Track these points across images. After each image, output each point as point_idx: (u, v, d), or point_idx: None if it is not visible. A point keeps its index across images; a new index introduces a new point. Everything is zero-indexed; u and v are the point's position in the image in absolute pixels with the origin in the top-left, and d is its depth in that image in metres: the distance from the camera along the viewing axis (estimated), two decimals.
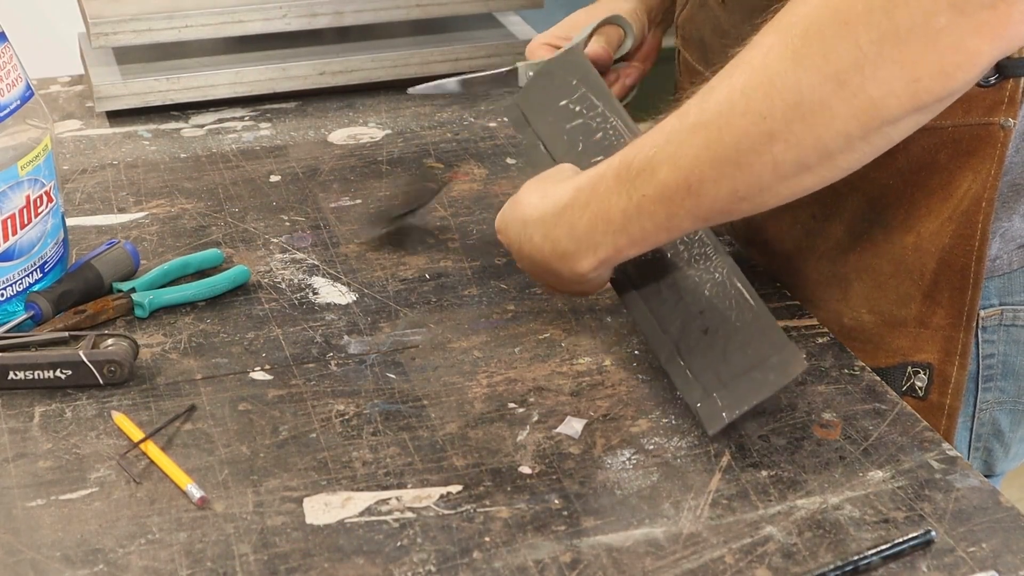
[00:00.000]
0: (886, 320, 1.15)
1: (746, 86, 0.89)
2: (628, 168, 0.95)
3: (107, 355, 1.06)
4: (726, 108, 0.90)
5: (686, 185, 0.92)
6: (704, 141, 0.91)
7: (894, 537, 0.91)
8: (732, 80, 0.90)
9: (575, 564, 0.89)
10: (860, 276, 1.15)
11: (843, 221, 1.14)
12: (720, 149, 0.90)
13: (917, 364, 1.14)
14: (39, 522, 0.92)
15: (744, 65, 0.90)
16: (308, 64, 1.58)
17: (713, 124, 0.90)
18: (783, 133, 0.88)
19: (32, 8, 2.50)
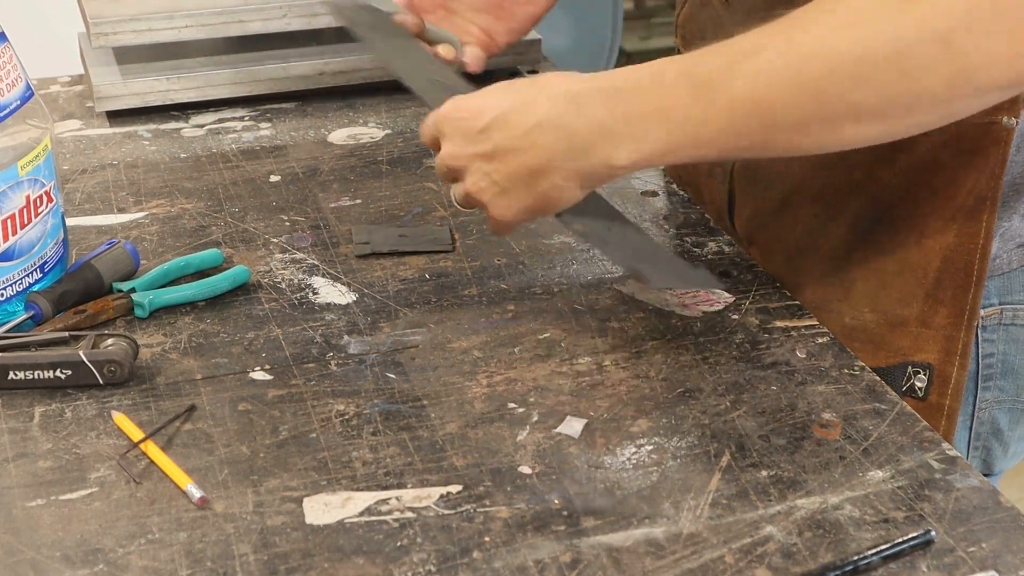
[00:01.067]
0: (888, 319, 1.15)
1: (847, 26, 0.87)
2: (701, 69, 0.92)
3: (107, 355, 1.06)
4: (821, 45, 0.89)
5: (757, 101, 0.91)
6: (789, 66, 0.90)
7: (894, 537, 0.91)
8: (833, 17, 0.88)
9: (575, 564, 0.89)
10: (864, 275, 1.15)
11: (847, 220, 1.14)
12: (805, 80, 0.90)
13: (917, 364, 1.14)
14: (39, 522, 0.92)
15: (847, 5, 0.88)
16: (308, 64, 1.58)
17: (805, 54, 0.89)
18: (875, 79, 0.87)
19: (32, 8, 2.50)
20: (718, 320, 1.16)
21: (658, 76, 0.94)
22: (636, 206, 1.35)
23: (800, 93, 0.90)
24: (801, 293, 1.19)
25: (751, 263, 1.24)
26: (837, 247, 1.16)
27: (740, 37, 0.93)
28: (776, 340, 1.13)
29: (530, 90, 0.98)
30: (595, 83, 0.96)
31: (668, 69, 0.94)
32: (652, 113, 0.94)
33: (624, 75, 0.96)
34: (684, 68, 0.94)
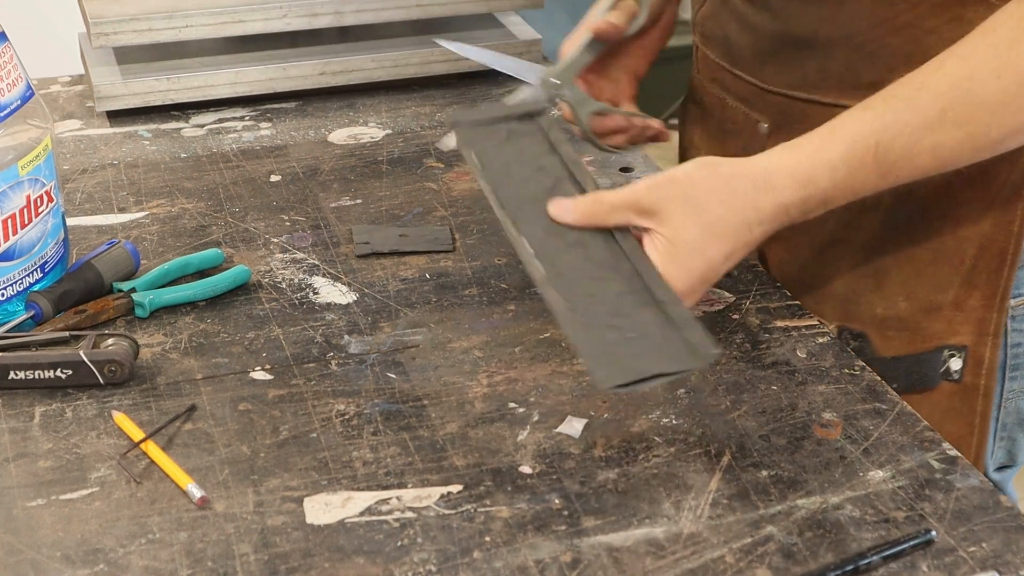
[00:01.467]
0: (923, 306, 1.16)
1: (1018, 91, 0.96)
2: (890, 154, 0.98)
3: (107, 355, 1.06)
4: (997, 109, 0.97)
5: (939, 165, 1.00)
6: (968, 136, 0.98)
7: (894, 537, 0.91)
8: (1003, 82, 0.96)
9: (575, 564, 0.89)
10: (897, 264, 1.16)
11: (881, 212, 1.15)
12: (984, 143, 0.99)
13: (953, 347, 1.16)
14: (39, 522, 0.92)
15: (1018, 68, 0.96)
16: (308, 64, 1.58)
17: (983, 121, 0.97)
18: None
19: (32, 8, 2.50)
20: (718, 320, 1.16)
21: (855, 168, 0.99)
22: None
23: (979, 154, 1.01)
24: (831, 285, 1.19)
25: (751, 263, 1.24)
26: (870, 238, 1.16)
27: (919, 99, 0.99)
28: (776, 340, 1.13)
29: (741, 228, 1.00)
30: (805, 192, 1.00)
31: (864, 156, 0.99)
32: (843, 197, 1.01)
33: (826, 172, 0.99)
34: (876, 153, 0.99)
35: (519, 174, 1.08)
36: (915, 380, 1.16)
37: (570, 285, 0.98)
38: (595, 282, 0.98)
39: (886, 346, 1.17)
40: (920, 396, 1.16)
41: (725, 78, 1.23)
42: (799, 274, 1.21)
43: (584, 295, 0.97)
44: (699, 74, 1.30)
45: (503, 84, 1.64)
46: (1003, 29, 0.97)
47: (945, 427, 1.15)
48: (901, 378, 1.16)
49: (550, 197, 1.04)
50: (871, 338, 1.17)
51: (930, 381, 1.16)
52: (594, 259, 1.00)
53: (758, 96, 1.20)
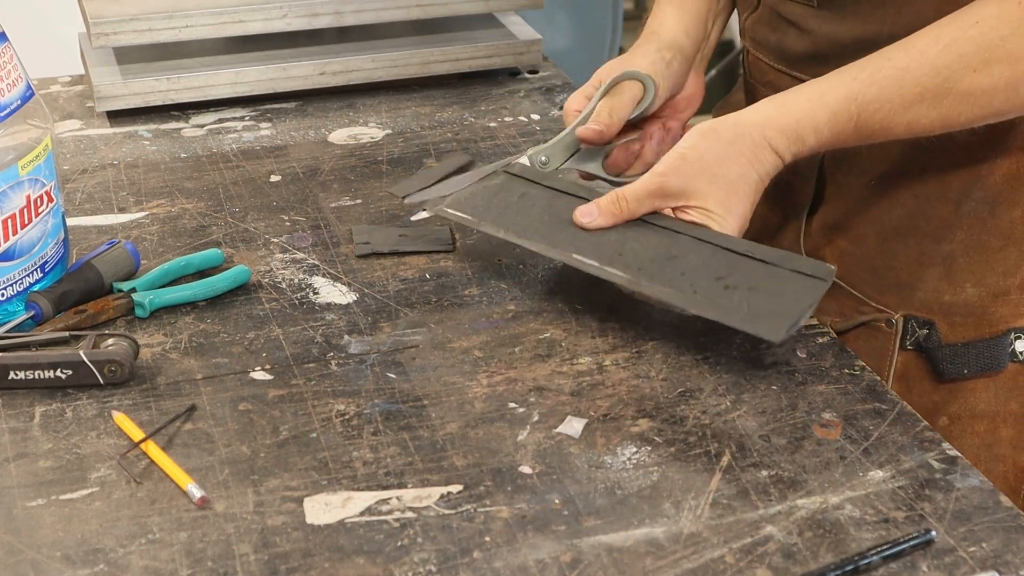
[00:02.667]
0: (991, 291, 1.18)
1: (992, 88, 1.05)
2: (866, 125, 1.08)
3: (107, 355, 1.06)
4: (969, 99, 1.05)
5: (911, 135, 1.09)
6: (940, 117, 1.07)
7: (894, 537, 0.91)
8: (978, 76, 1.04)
9: (575, 564, 0.89)
10: (966, 252, 1.18)
11: (950, 200, 1.16)
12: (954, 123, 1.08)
13: (1019, 329, 1.18)
14: (40, 522, 0.93)
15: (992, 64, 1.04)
16: (308, 64, 1.58)
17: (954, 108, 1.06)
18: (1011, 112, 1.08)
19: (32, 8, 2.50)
20: None
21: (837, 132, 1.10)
22: None
23: (948, 129, 1.09)
24: (895, 274, 1.20)
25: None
26: (939, 227, 1.17)
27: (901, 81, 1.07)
28: None
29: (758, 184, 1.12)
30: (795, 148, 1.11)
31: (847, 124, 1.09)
32: (830, 150, 1.16)
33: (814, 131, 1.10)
34: (857, 123, 1.09)
35: (516, 212, 1.16)
36: (985, 364, 1.19)
37: (656, 274, 1.09)
38: (674, 260, 1.09)
39: (953, 332, 1.19)
40: (987, 379, 1.19)
41: (780, 81, 1.23)
42: (862, 266, 1.22)
43: (677, 275, 1.08)
44: (751, 78, 1.30)
45: (503, 84, 1.64)
46: (985, 24, 1.05)
47: (1009, 406, 1.19)
48: (972, 363, 1.18)
49: (557, 216, 1.13)
50: (938, 325, 1.18)
51: (999, 363, 1.19)
52: (652, 244, 1.11)
53: None
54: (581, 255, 1.12)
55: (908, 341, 1.20)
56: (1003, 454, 1.20)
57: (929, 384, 1.20)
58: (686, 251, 1.09)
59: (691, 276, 1.08)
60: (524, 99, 1.60)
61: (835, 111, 1.08)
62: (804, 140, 1.09)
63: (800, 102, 1.10)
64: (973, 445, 1.19)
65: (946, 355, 1.18)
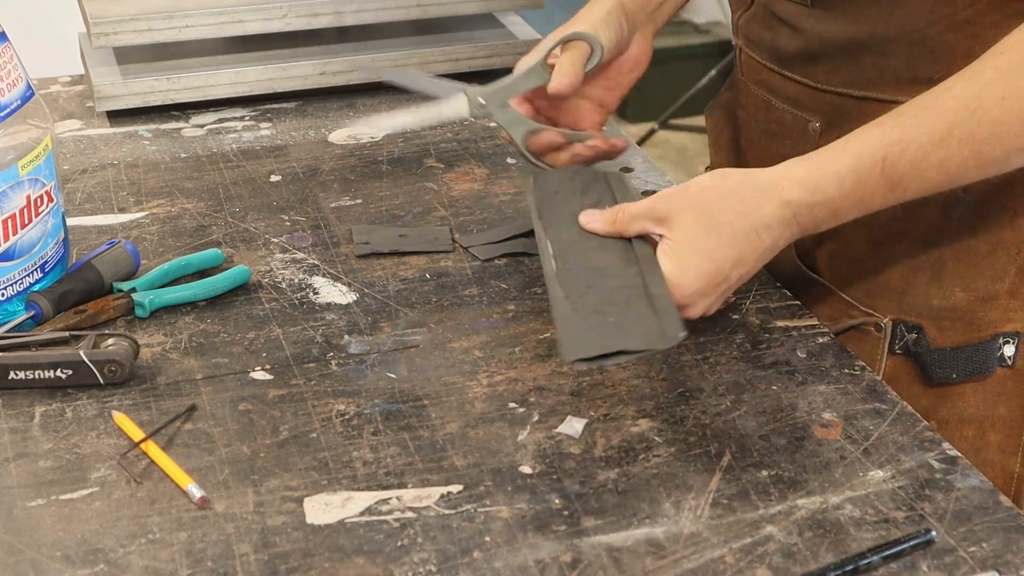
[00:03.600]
0: (980, 296, 1.17)
1: (1021, 113, 1.00)
2: (897, 168, 1.02)
3: (108, 355, 1.06)
4: (1001, 129, 1.01)
5: (946, 181, 1.04)
6: (974, 154, 1.01)
7: (894, 537, 0.91)
8: (1008, 104, 1.00)
9: (575, 564, 0.89)
10: (955, 256, 1.17)
11: (938, 204, 1.16)
12: (989, 160, 1.02)
13: (1007, 334, 1.18)
14: (40, 522, 0.92)
15: (1018, 92, 1.00)
16: (308, 64, 1.58)
17: (988, 141, 1.01)
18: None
19: (32, 8, 2.50)
20: (718, 320, 1.16)
21: (863, 179, 1.03)
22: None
23: (985, 171, 1.04)
24: (885, 278, 1.20)
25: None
26: (928, 231, 1.17)
27: (926, 117, 1.02)
28: (776, 340, 1.13)
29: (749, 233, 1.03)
30: (812, 199, 1.03)
31: (872, 169, 1.02)
32: (853, 208, 1.04)
33: (833, 181, 1.03)
34: (883, 167, 1.02)
35: (565, 195, 1.15)
36: (973, 368, 1.19)
37: (574, 280, 1.03)
38: (598, 277, 1.03)
39: (942, 337, 1.19)
40: (975, 383, 1.19)
41: (772, 80, 1.23)
42: (852, 269, 1.22)
43: (584, 287, 1.02)
44: (743, 76, 1.30)
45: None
46: (1011, 53, 1.01)
47: (997, 410, 1.19)
48: (960, 368, 1.18)
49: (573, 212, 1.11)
50: (927, 330, 1.18)
51: (987, 368, 1.18)
52: (606, 261, 1.05)
53: (809, 96, 1.20)
54: (551, 240, 1.09)
55: (897, 345, 1.19)
56: (991, 459, 1.20)
57: (918, 388, 1.20)
58: (616, 276, 1.03)
59: (590, 292, 1.02)
60: None
61: (859, 155, 1.02)
62: (823, 190, 1.02)
63: (822, 152, 1.04)
64: (961, 450, 1.18)
65: (935, 359, 1.18)
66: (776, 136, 1.25)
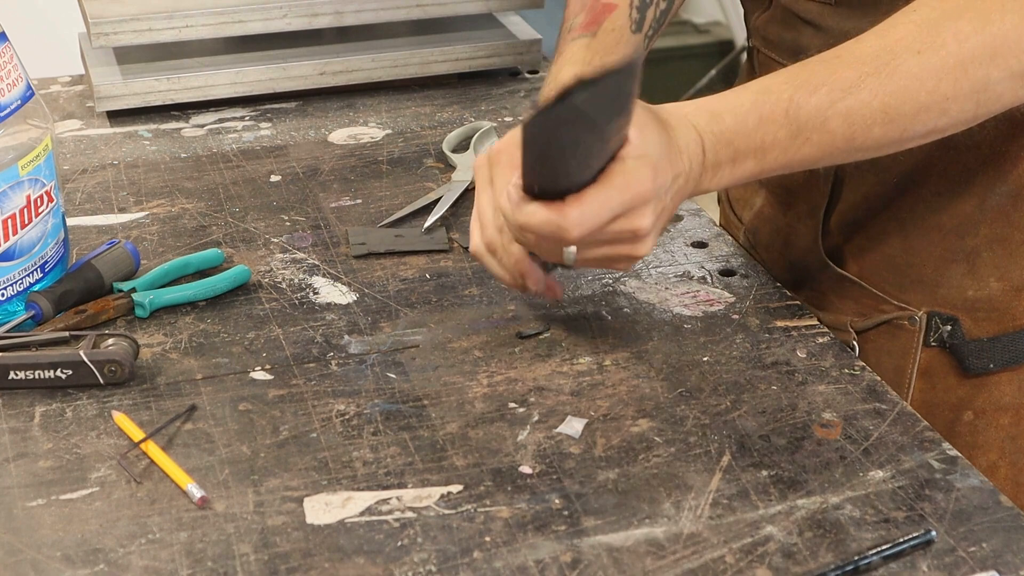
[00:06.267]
0: (1014, 285, 1.18)
1: (940, 68, 0.98)
2: (803, 110, 1.00)
3: (108, 355, 1.06)
4: (914, 83, 0.99)
5: (850, 137, 1.01)
6: (883, 107, 0.99)
7: (894, 537, 0.91)
8: (923, 57, 0.99)
9: (575, 564, 0.89)
10: (991, 247, 1.17)
11: (973, 196, 1.16)
12: (896, 117, 1.00)
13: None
14: (39, 522, 0.93)
15: (938, 46, 0.98)
16: (308, 64, 1.58)
17: (898, 94, 0.99)
18: (957, 110, 1.00)
19: (32, 8, 2.50)
20: (718, 320, 1.16)
21: (766, 117, 1.01)
22: None
23: (891, 129, 1.01)
24: (918, 271, 1.20)
25: (752, 263, 1.24)
26: (963, 222, 1.17)
27: (836, 65, 1.00)
28: (776, 340, 1.13)
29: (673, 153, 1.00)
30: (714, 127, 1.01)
31: (776, 108, 1.00)
32: (753, 151, 1.02)
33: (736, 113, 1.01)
34: (788, 107, 1.00)
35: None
36: (1010, 358, 1.19)
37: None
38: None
39: (977, 328, 1.19)
40: (1011, 372, 1.19)
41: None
42: (884, 263, 1.22)
43: None
44: (758, 76, 1.30)
45: (503, 84, 1.64)
46: (924, 10, 1.01)
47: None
48: (997, 358, 1.19)
49: None
50: (962, 321, 1.19)
51: (1023, 357, 1.19)
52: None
53: None
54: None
55: (932, 338, 1.20)
56: None
57: (953, 379, 1.20)
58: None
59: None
60: (524, 99, 1.60)
61: (763, 91, 1.01)
62: (722, 118, 1.00)
63: (727, 91, 1.04)
64: (998, 438, 1.19)
65: (971, 350, 1.18)
66: None
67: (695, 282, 1.21)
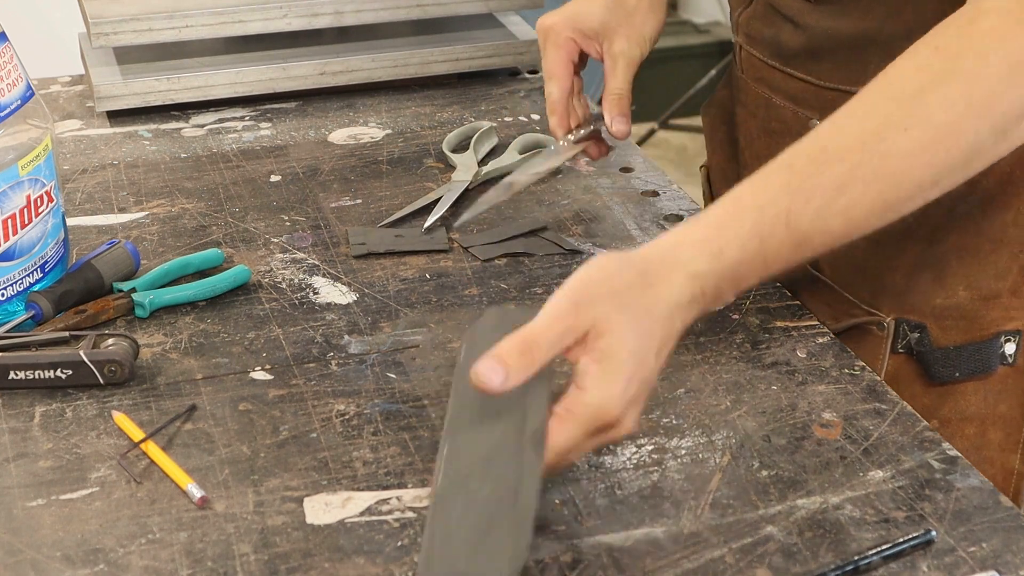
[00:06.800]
0: (982, 295, 1.17)
1: (932, 141, 0.93)
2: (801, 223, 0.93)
3: (107, 355, 1.06)
4: (906, 162, 0.93)
5: (850, 230, 0.95)
6: (878, 197, 0.94)
7: (894, 537, 0.91)
8: (912, 134, 0.93)
9: (575, 564, 0.89)
10: (959, 255, 1.17)
11: (942, 204, 1.14)
12: (894, 201, 0.95)
13: (1008, 332, 1.18)
14: (39, 522, 0.93)
15: (924, 118, 0.93)
16: (308, 64, 1.58)
17: (893, 178, 0.93)
18: (949, 181, 0.96)
19: (32, 8, 2.50)
20: (718, 320, 1.16)
21: (767, 236, 0.92)
22: (637, 206, 1.35)
23: (888, 215, 0.96)
24: (890, 277, 1.20)
25: None
26: (932, 230, 1.17)
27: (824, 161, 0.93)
28: (776, 340, 1.13)
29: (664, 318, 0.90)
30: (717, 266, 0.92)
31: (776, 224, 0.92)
32: (756, 272, 0.94)
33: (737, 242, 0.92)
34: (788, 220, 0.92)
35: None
36: (976, 367, 1.19)
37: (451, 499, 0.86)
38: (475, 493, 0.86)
39: (944, 336, 1.19)
40: (977, 381, 1.19)
41: (773, 77, 1.23)
42: (855, 269, 1.22)
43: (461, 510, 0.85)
44: (742, 74, 1.30)
45: (503, 84, 1.64)
46: (903, 81, 0.95)
47: (998, 408, 1.19)
48: (963, 366, 1.19)
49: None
50: (929, 329, 1.19)
51: (989, 366, 1.19)
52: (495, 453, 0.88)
53: (812, 93, 1.20)
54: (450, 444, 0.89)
55: (899, 344, 1.19)
56: (992, 457, 1.20)
57: (919, 387, 1.20)
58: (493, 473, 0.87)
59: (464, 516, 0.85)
60: (524, 99, 1.60)
61: (761, 210, 0.92)
62: (726, 253, 0.91)
63: (718, 211, 0.93)
64: (962, 448, 1.19)
65: (938, 358, 1.18)
66: (776, 134, 1.25)
67: None
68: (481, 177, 1.38)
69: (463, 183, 1.36)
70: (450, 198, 1.33)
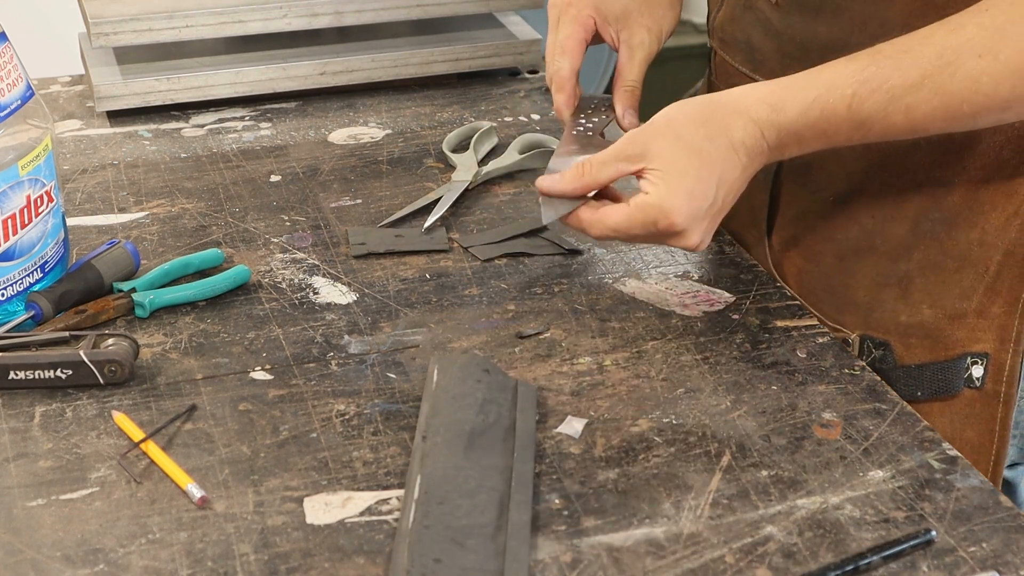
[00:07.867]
0: (947, 314, 1.16)
1: (999, 74, 1.00)
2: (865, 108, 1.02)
3: (108, 355, 1.06)
4: (971, 86, 1.01)
5: (911, 129, 1.03)
6: (944, 106, 1.01)
7: (894, 537, 0.91)
8: (983, 62, 1.00)
9: (575, 564, 0.89)
10: (923, 273, 1.16)
11: (907, 220, 1.15)
12: (956, 114, 1.02)
13: (975, 355, 1.16)
14: (39, 522, 0.93)
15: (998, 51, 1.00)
16: (308, 64, 1.58)
17: (957, 95, 1.01)
18: (1019, 111, 1.03)
19: (32, 8, 2.50)
20: (718, 320, 1.16)
21: (828, 110, 1.03)
22: None
23: (952, 124, 1.04)
24: (853, 293, 1.19)
25: (751, 263, 1.24)
26: (896, 247, 1.16)
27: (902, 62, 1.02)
28: (776, 340, 1.13)
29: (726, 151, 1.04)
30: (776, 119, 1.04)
31: (838, 104, 1.03)
32: (816, 137, 1.05)
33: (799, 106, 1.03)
34: (851, 103, 1.02)
35: (459, 401, 1.01)
36: (939, 387, 1.17)
37: (427, 544, 0.88)
38: (456, 545, 0.88)
39: (909, 354, 1.17)
40: (942, 403, 1.17)
41: (744, 83, 1.23)
42: (820, 284, 1.21)
43: (432, 561, 0.87)
44: (716, 80, 1.30)
45: (503, 84, 1.64)
46: (994, 11, 1.01)
47: (965, 433, 1.16)
48: (925, 386, 1.16)
49: (480, 433, 0.97)
50: (894, 346, 1.17)
51: (953, 388, 1.16)
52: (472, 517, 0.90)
53: None
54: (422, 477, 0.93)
55: (864, 361, 1.18)
56: None
57: None
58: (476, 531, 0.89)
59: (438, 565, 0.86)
60: (524, 99, 1.60)
61: (828, 86, 1.03)
62: (786, 110, 1.03)
63: (791, 77, 1.05)
64: None
65: (900, 376, 1.16)
66: None
67: (695, 282, 1.21)
68: (481, 177, 1.38)
69: (463, 183, 1.36)
70: (450, 198, 1.33)
